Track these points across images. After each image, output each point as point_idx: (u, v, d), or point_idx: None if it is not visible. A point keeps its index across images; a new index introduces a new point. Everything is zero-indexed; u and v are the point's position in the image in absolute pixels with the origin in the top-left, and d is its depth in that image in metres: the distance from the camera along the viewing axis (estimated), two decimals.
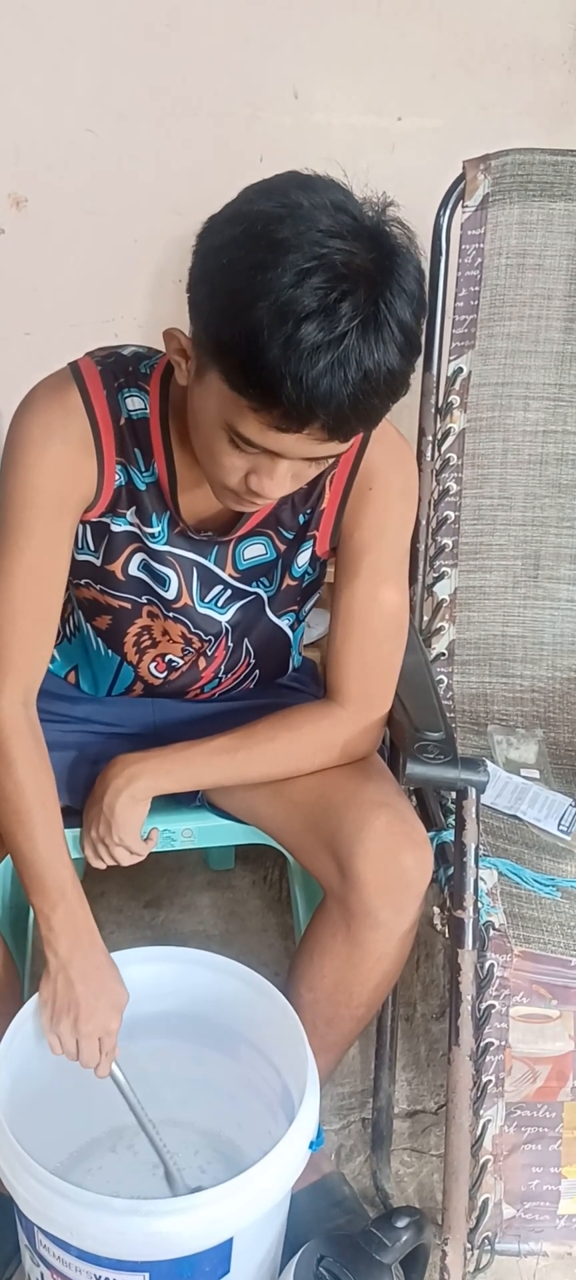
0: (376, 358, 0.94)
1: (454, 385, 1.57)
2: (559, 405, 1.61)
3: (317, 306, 0.92)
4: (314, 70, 1.74)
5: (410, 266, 0.97)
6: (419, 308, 0.98)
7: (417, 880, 1.19)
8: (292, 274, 0.91)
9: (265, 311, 0.92)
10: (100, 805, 1.22)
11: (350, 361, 0.93)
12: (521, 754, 1.60)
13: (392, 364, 0.95)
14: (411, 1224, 1.18)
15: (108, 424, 1.14)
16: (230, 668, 1.30)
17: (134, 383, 1.15)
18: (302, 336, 0.92)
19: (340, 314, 0.92)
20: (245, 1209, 1.06)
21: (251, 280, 0.93)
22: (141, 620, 1.25)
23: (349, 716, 1.25)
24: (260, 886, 1.89)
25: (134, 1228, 1.03)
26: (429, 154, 1.77)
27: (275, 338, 0.92)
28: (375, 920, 1.19)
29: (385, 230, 0.97)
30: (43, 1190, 1.04)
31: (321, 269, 0.92)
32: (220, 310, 0.96)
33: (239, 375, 0.96)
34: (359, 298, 0.93)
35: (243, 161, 1.75)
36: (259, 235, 0.93)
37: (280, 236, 0.92)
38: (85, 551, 1.21)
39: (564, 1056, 1.27)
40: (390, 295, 0.94)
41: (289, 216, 0.93)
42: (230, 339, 0.95)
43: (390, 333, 0.94)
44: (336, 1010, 1.24)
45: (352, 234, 0.94)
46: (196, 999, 1.29)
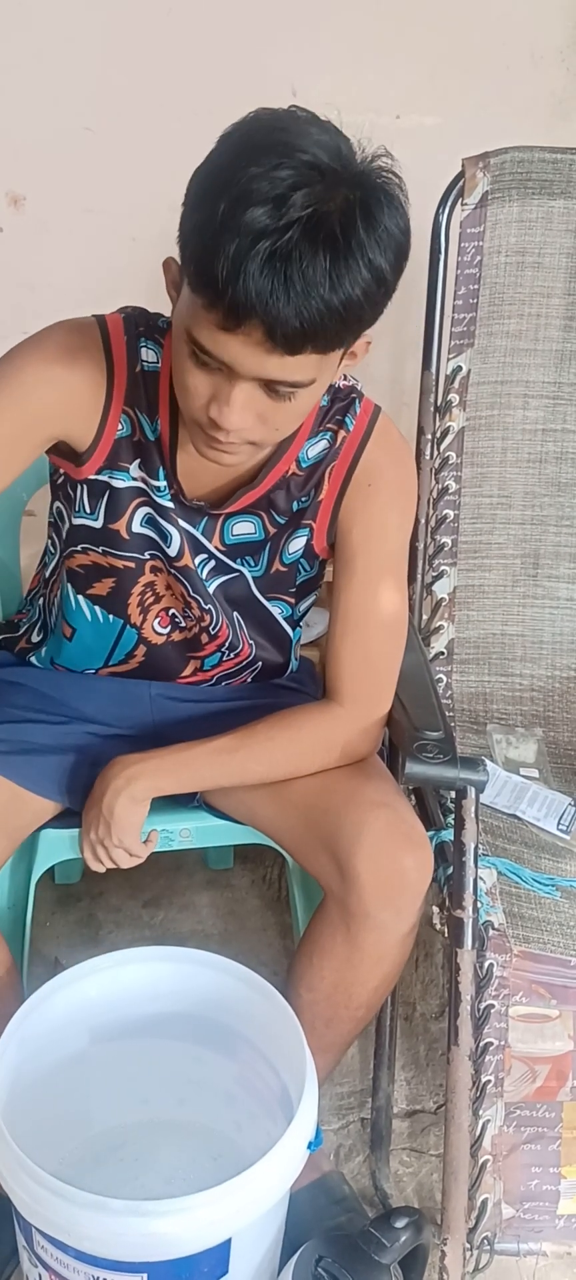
0: (324, 266, 0.92)
1: (453, 383, 1.57)
2: (558, 403, 1.61)
3: (269, 192, 0.91)
4: (312, 68, 1.73)
5: (391, 208, 0.96)
6: (387, 240, 0.95)
7: (417, 881, 1.19)
8: (262, 168, 0.91)
9: (224, 199, 0.92)
10: (99, 807, 1.22)
11: (291, 257, 0.91)
12: (520, 753, 1.60)
13: (348, 291, 0.93)
14: (410, 1224, 1.18)
15: (123, 370, 1.15)
16: (233, 647, 1.30)
17: (151, 335, 1.16)
18: (247, 221, 0.91)
19: (289, 202, 0.90)
20: (243, 1209, 1.05)
21: (220, 175, 0.94)
22: (145, 577, 1.25)
23: (348, 716, 1.25)
24: (259, 886, 1.89)
25: (132, 1228, 1.03)
26: (428, 152, 1.76)
27: (225, 222, 0.91)
28: (375, 922, 1.19)
29: (375, 174, 0.96)
30: (40, 1191, 1.04)
31: (291, 164, 0.91)
32: (190, 210, 0.98)
33: (194, 268, 0.97)
34: (316, 192, 0.91)
35: None
36: (243, 139, 0.96)
37: (263, 141, 0.93)
38: (82, 514, 1.20)
39: (563, 1056, 1.26)
40: (356, 213, 0.93)
41: (278, 128, 0.94)
42: (191, 231, 0.96)
43: (345, 246, 0.92)
44: (335, 1011, 1.24)
45: (339, 159, 0.94)
46: (195, 999, 1.28)
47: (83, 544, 1.22)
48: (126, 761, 1.23)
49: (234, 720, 1.28)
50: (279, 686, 1.38)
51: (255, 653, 1.32)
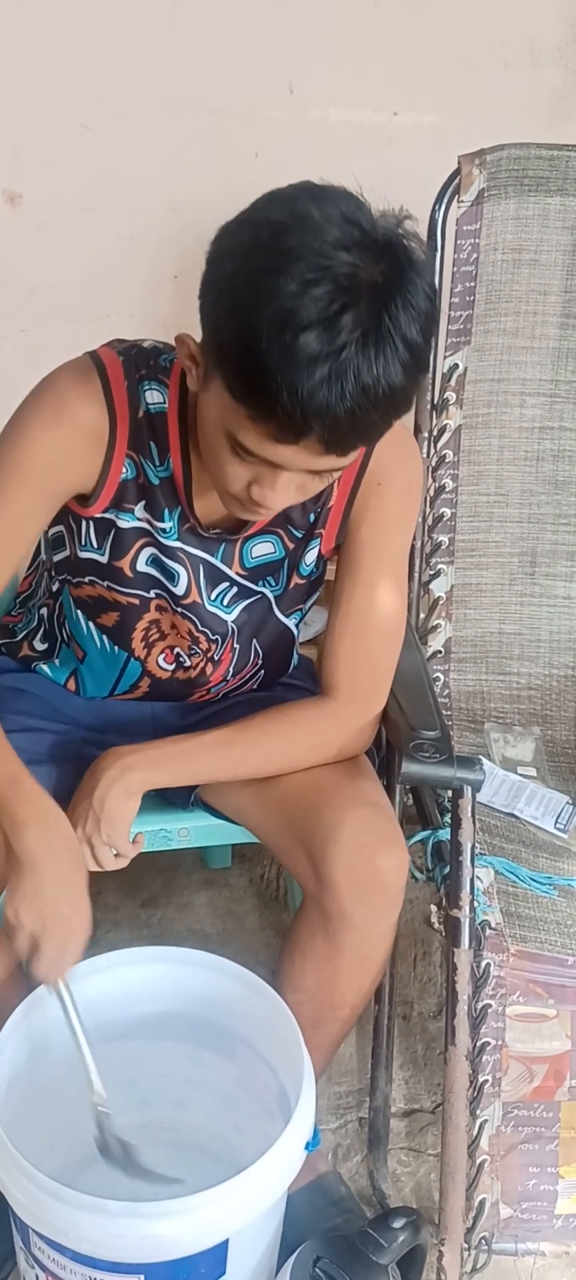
0: (376, 372, 0.93)
1: (450, 381, 1.57)
2: (555, 401, 1.61)
3: (318, 317, 0.91)
4: (310, 66, 1.73)
5: (421, 282, 0.95)
6: (427, 324, 0.96)
7: (393, 882, 1.18)
8: (296, 283, 0.91)
9: (266, 318, 0.91)
10: (90, 800, 1.19)
11: (347, 375, 0.92)
12: (518, 752, 1.59)
13: (393, 379, 0.94)
14: (408, 1224, 1.18)
15: (124, 415, 1.14)
16: (238, 669, 1.30)
17: (154, 375, 1.15)
18: (301, 346, 0.91)
19: (340, 326, 0.91)
20: (241, 1210, 1.05)
21: (254, 286, 0.92)
22: (150, 615, 1.25)
23: (345, 712, 1.24)
24: (257, 885, 1.89)
25: (129, 1230, 1.02)
26: (425, 149, 1.76)
27: (273, 346, 0.92)
28: (350, 922, 1.19)
29: (398, 243, 0.95)
30: (37, 1192, 1.04)
31: (325, 280, 0.91)
32: (223, 315, 0.96)
33: (238, 382, 0.96)
34: (361, 310, 0.92)
35: (239, 158, 1.75)
36: (266, 243, 0.93)
37: (287, 245, 0.92)
38: (88, 549, 1.20)
39: (561, 1056, 1.26)
40: (395, 309, 0.93)
41: (296, 226, 0.93)
42: (231, 344, 0.95)
43: (392, 347, 0.93)
44: (321, 1012, 1.23)
45: (360, 246, 0.93)
46: (193, 999, 1.28)
47: (89, 576, 1.22)
48: (120, 752, 1.20)
49: (231, 716, 1.28)
50: (278, 683, 1.38)
51: (261, 662, 1.32)
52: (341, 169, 1.76)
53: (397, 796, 1.38)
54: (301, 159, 1.77)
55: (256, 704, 1.30)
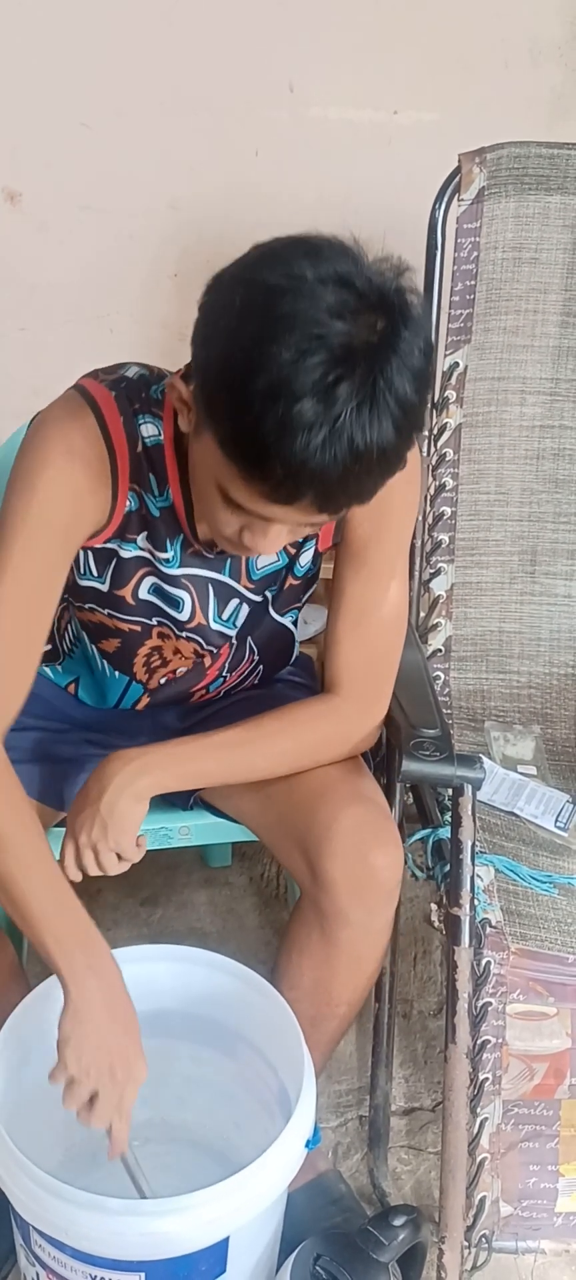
0: (370, 438, 0.92)
1: (450, 380, 1.57)
2: (555, 400, 1.61)
3: (312, 388, 0.90)
4: (310, 64, 1.73)
5: (417, 340, 0.93)
6: (421, 382, 0.94)
7: (387, 880, 1.18)
8: (290, 352, 0.89)
9: (260, 387, 0.90)
10: (96, 805, 1.16)
11: (342, 443, 0.91)
12: (518, 750, 1.60)
13: (387, 442, 0.93)
14: (408, 1222, 1.18)
15: (124, 451, 1.12)
16: (234, 665, 1.30)
17: (148, 409, 1.13)
18: (295, 416, 0.90)
19: (335, 396, 0.90)
20: (241, 1208, 1.05)
21: (248, 353, 0.91)
22: (152, 641, 1.24)
23: (351, 710, 1.24)
24: (257, 884, 1.89)
25: (130, 1227, 1.03)
26: (425, 148, 1.76)
27: (268, 415, 0.90)
28: (346, 920, 1.18)
29: (394, 300, 0.93)
30: (38, 1190, 1.04)
31: (320, 349, 0.89)
32: (216, 377, 0.95)
33: (231, 444, 0.95)
34: (355, 381, 0.90)
35: (239, 156, 1.75)
36: (259, 307, 0.91)
37: (280, 311, 0.90)
38: (88, 577, 1.19)
39: (561, 1054, 1.26)
40: (390, 371, 0.91)
41: (290, 290, 0.90)
42: (223, 408, 0.94)
43: (387, 410, 0.92)
44: (318, 1009, 1.23)
45: (355, 312, 0.91)
46: (193, 997, 1.28)
47: (89, 604, 1.21)
48: (127, 757, 1.17)
49: (233, 714, 1.28)
50: (278, 680, 1.38)
51: (258, 658, 1.31)
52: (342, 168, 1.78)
53: (398, 795, 1.38)
54: (301, 158, 1.78)
55: (256, 701, 1.29)
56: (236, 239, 1.78)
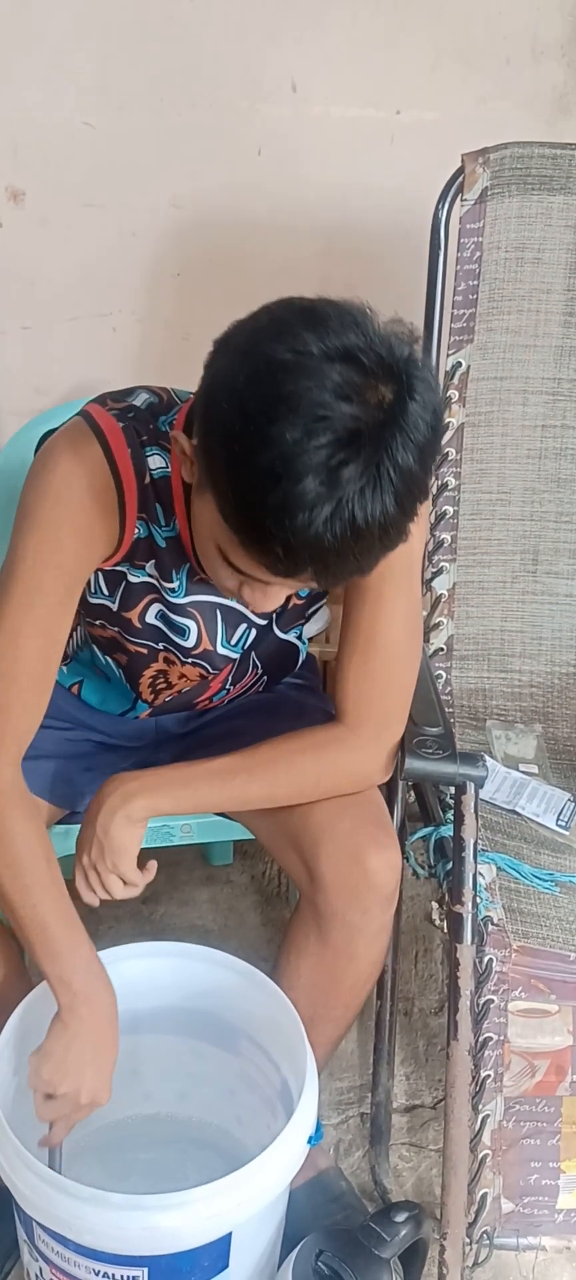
0: (373, 516, 0.90)
1: (452, 380, 1.57)
2: (557, 400, 1.61)
3: (316, 470, 0.88)
4: (313, 63, 1.73)
5: (425, 413, 0.91)
6: (427, 456, 0.93)
7: (384, 883, 1.17)
8: (294, 433, 0.88)
9: (263, 465, 0.89)
10: (93, 827, 1.17)
11: (344, 522, 0.90)
12: (520, 749, 1.60)
13: (389, 518, 0.91)
14: (410, 1218, 1.19)
15: (131, 483, 1.11)
16: (237, 679, 1.29)
17: (155, 441, 1.12)
18: (298, 496, 0.88)
19: (340, 479, 0.88)
20: (244, 1204, 1.06)
21: (252, 430, 0.89)
22: (157, 665, 1.24)
23: (358, 742, 1.19)
24: (259, 882, 1.89)
25: (133, 1223, 1.03)
26: (427, 147, 1.76)
27: (270, 493, 0.89)
28: (343, 922, 1.18)
29: (402, 373, 0.91)
30: (41, 1185, 1.04)
31: (325, 431, 0.88)
32: (219, 448, 0.94)
33: (231, 515, 0.94)
34: (361, 463, 0.89)
35: (241, 154, 1.75)
36: (264, 383, 0.89)
37: (285, 390, 0.88)
38: (99, 596, 1.19)
39: (562, 1051, 1.27)
40: (396, 447, 0.90)
41: (296, 367, 0.89)
42: (225, 480, 0.93)
43: (390, 487, 0.90)
44: (315, 1010, 1.23)
45: (361, 391, 0.89)
46: (195, 994, 1.29)
47: (100, 620, 1.21)
48: (123, 779, 1.17)
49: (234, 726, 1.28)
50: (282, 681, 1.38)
51: (262, 670, 1.30)
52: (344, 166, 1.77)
53: (400, 793, 1.38)
54: (304, 157, 1.78)
55: (258, 705, 1.29)
56: (239, 237, 1.79)
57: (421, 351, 0.94)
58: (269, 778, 1.19)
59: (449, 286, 1.55)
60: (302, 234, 1.79)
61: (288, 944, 1.27)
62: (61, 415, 1.60)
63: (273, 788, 1.20)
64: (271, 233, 1.78)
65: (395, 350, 0.92)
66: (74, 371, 1.80)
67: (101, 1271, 1.06)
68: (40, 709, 1.14)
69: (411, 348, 0.93)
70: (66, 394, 1.79)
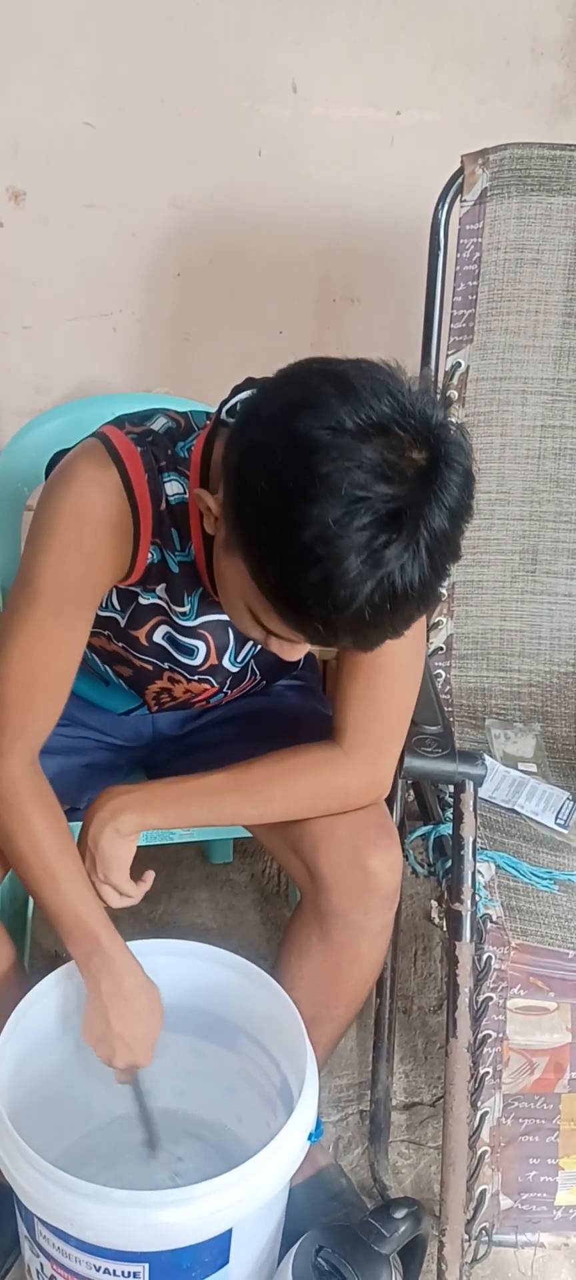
0: (412, 582, 0.91)
1: (452, 380, 1.57)
2: (556, 400, 1.62)
3: (358, 549, 0.88)
4: (313, 63, 1.73)
5: (459, 477, 0.92)
6: (461, 519, 0.93)
7: (386, 883, 1.18)
8: (335, 514, 0.88)
9: (304, 542, 0.89)
10: (85, 837, 1.18)
11: (385, 596, 0.90)
12: (519, 748, 1.60)
13: (427, 581, 0.92)
14: (409, 1215, 1.19)
15: (147, 509, 1.11)
16: (235, 684, 1.29)
17: (173, 467, 1.12)
18: (340, 575, 0.89)
19: (384, 558, 0.89)
20: (244, 1200, 1.06)
21: (291, 510, 0.89)
22: (161, 682, 1.24)
23: (352, 763, 1.19)
24: (258, 880, 1.89)
25: (133, 1219, 1.03)
26: (427, 148, 1.76)
27: (312, 573, 0.89)
28: (345, 922, 1.19)
29: (438, 437, 0.91)
30: (42, 1181, 1.05)
31: (365, 513, 0.88)
32: (256, 524, 0.93)
33: (270, 589, 0.95)
34: (402, 542, 0.89)
35: (241, 155, 1.75)
36: (302, 464, 0.89)
37: (323, 470, 0.88)
38: (110, 609, 1.19)
39: (561, 1048, 1.27)
40: (433, 517, 0.90)
41: (333, 447, 0.88)
42: (265, 556, 0.94)
43: (427, 553, 0.90)
44: (317, 1010, 1.23)
45: (398, 467, 0.89)
46: (195, 991, 1.29)
47: (107, 631, 1.21)
48: (114, 793, 1.18)
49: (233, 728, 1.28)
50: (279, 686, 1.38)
51: (260, 675, 1.30)
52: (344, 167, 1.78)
53: (399, 792, 1.39)
54: (304, 157, 1.78)
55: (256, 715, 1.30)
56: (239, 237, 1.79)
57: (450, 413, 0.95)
58: (263, 798, 1.19)
59: (448, 287, 1.55)
60: (302, 234, 1.79)
61: (288, 944, 1.27)
62: (61, 415, 1.62)
63: (266, 807, 1.19)
64: (271, 233, 1.79)
65: (428, 417, 0.92)
66: (74, 371, 1.81)
67: (102, 1267, 1.06)
68: (55, 713, 1.16)
69: (444, 411, 0.94)
70: (67, 394, 1.80)
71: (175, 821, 1.20)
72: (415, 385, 0.93)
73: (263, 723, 1.30)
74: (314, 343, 1.86)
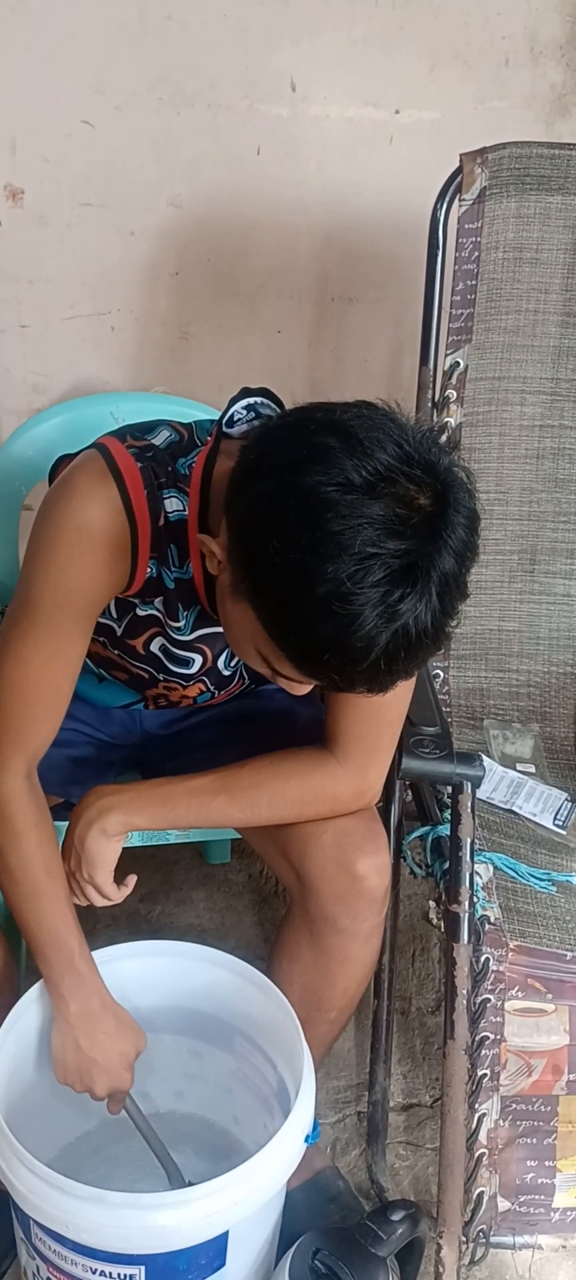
0: (425, 627, 0.92)
1: (450, 379, 1.57)
2: (555, 400, 1.61)
3: (373, 604, 0.90)
4: (311, 62, 1.73)
5: (466, 519, 0.93)
6: (467, 560, 0.95)
7: (373, 887, 1.17)
8: (347, 570, 0.89)
9: (319, 599, 0.90)
10: (72, 836, 1.18)
11: (399, 644, 0.92)
12: (517, 749, 1.60)
13: (439, 623, 0.94)
14: (407, 1217, 1.19)
15: (146, 525, 1.11)
16: (222, 686, 1.28)
17: (173, 484, 1.12)
18: (356, 629, 0.90)
19: (399, 611, 0.90)
20: (241, 1202, 1.06)
21: (303, 566, 0.90)
22: (157, 690, 1.25)
23: (342, 771, 1.18)
24: (256, 881, 1.89)
25: (130, 1221, 1.03)
26: (426, 147, 1.76)
27: (326, 626, 0.90)
28: (334, 926, 1.19)
29: (444, 481, 0.93)
30: (38, 1183, 1.04)
31: (378, 569, 0.89)
32: (267, 579, 0.94)
33: (283, 640, 0.95)
34: (416, 594, 0.91)
35: (240, 154, 1.75)
36: (313, 522, 0.90)
37: (333, 529, 0.89)
38: (107, 617, 1.19)
39: (559, 1050, 1.27)
40: (441, 558, 0.92)
41: (342, 504, 0.89)
42: (278, 609, 0.94)
43: (438, 598, 0.92)
44: (308, 1014, 1.22)
45: (407, 522, 0.90)
46: (192, 993, 1.29)
47: (102, 638, 1.21)
48: (101, 792, 1.18)
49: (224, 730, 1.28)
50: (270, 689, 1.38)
51: (248, 682, 1.30)
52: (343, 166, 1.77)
53: (397, 792, 1.38)
54: (302, 156, 1.78)
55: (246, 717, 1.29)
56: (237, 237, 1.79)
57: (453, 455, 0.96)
58: (250, 801, 1.19)
59: (447, 286, 1.55)
60: (301, 234, 1.79)
61: (279, 948, 1.27)
62: (59, 414, 1.62)
63: (253, 811, 1.19)
64: (270, 232, 1.78)
65: (433, 463, 0.93)
66: (72, 370, 1.81)
67: (99, 1270, 1.06)
68: (53, 727, 1.16)
69: (449, 456, 0.95)
70: (65, 393, 1.79)
71: (162, 822, 1.20)
72: (417, 428, 0.95)
73: (256, 725, 1.30)
74: (312, 342, 1.86)
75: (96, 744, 1.36)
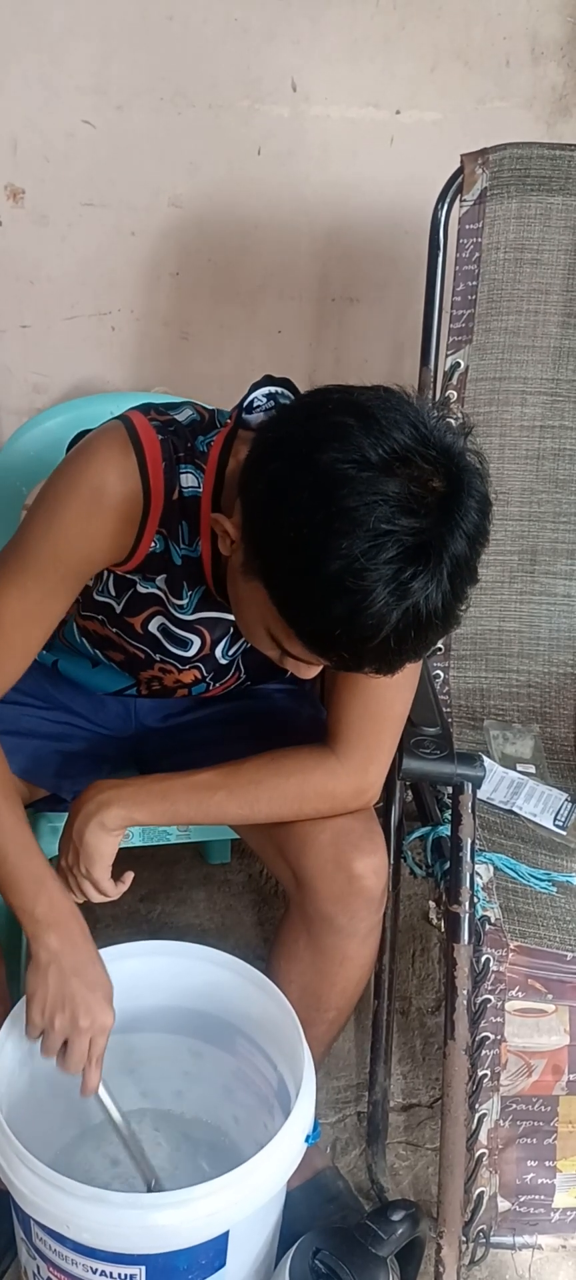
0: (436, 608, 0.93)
1: (451, 380, 1.57)
2: (556, 400, 1.62)
3: (386, 581, 0.90)
4: (312, 62, 1.73)
5: (478, 503, 0.95)
6: (479, 544, 0.96)
7: (370, 887, 1.17)
8: (361, 547, 0.90)
9: (331, 577, 0.91)
10: (70, 831, 1.18)
11: (409, 624, 0.92)
12: (517, 749, 1.60)
13: (449, 606, 0.94)
14: (407, 1217, 1.19)
15: (160, 497, 1.11)
16: (218, 678, 1.28)
17: (191, 459, 1.12)
18: (367, 607, 0.91)
19: (411, 590, 0.91)
20: (241, 1202, 1.06)
21: (317, 542, 0.91)
22: (152, 671, 1.25)
23: (345, 770, 1.18)
24: (256, 881, 1.89)
25: (130, 1221, 1.03)
26: (427, 147, 1.76)
27: (338, 604, 0.91)
28: (331, 926, 1.19)
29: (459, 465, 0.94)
30: (39, 1183, 1.04)
31: (391, 545, 0.90)
32: (281, 556, 0.95)
33: (295, 618, 0.96)
34: (428, 573, 0.92)
35: (241, 154, 1.75)
36: (328, 498, 0.91)
37: (348, 505, 0.90)
38: (105, 595, 1.19)
39: (559, 1050, 1.27)
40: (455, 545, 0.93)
41: (357, 480, 0.90)
42: (291, 587, 0.95)
43: (449, 580, 0.93)
44: (307, 1014, 1.22)
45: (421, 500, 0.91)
46: (192, 993, 1.29)
47: (101, 616, 1.21)
48: (101, 787, 1.17)
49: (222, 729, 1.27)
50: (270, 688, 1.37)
51: (244, 675, 1.30)
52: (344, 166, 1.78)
53: (397, 793, 1.38)
54: (303, 156, 1.78)
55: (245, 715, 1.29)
56: (238, 236, 1.79)
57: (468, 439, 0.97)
58: (249, 798, 1.18)
59: (448, 287, 1.55)
60: (302, 233, 1.79)
61: (278, 948, 1.27)
62: (60, 414, 1.62)
63: (253, 807, 1.19)
64: (270, 232, 1.79)
65: (448, 446, 0.94)
66: (73, 370, 1.81)
67: (99, 1270, 1.06)
68: (13, 676, 1.16)
69: (463, 439, 0.96)
70: (65, 393, 1.80)
71: (161, 818, 1.19)
72: (434, 412, 0.95)
73: (256, 725, 1.30)
74: (312, 342, 1.86)
75: (90, 738, 1.35)
